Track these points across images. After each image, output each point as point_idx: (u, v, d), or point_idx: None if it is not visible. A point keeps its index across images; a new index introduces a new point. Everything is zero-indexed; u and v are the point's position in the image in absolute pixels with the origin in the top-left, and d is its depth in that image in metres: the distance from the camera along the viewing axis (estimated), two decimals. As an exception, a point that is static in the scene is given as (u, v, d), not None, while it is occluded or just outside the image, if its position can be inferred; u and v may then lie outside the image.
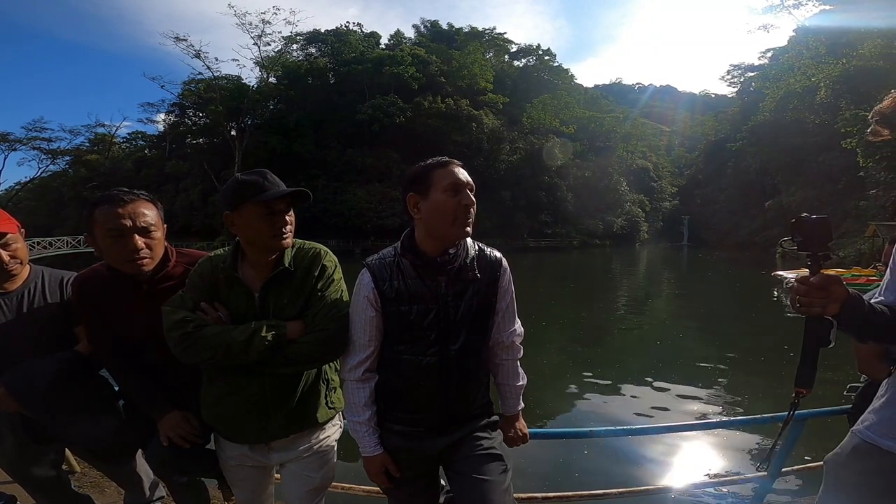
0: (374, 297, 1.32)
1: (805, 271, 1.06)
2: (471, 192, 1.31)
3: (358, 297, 1.34)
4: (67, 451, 2.33)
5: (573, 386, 7.04)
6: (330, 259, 1.49)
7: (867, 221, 23.10)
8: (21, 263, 1.60)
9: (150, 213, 1.48)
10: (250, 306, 1.39)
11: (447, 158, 1.33)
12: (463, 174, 1.30)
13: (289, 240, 1.40)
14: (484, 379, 1.46)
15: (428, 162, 1.32)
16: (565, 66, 68.34)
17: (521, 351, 1.51)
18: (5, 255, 1.54)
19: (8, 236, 1.55)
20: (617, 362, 8.61)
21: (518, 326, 1.48)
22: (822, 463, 1.21)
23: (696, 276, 26.97)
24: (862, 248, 22.21)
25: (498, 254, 1.43)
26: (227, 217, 1.37)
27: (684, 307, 15.88)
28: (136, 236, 1.43)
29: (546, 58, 65.14)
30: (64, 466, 2.44)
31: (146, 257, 1.46)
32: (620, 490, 2.21)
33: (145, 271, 1.48)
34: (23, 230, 1.63)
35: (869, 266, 17.11)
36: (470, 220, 1.31)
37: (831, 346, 1.05)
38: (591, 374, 7.47)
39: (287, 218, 1.38)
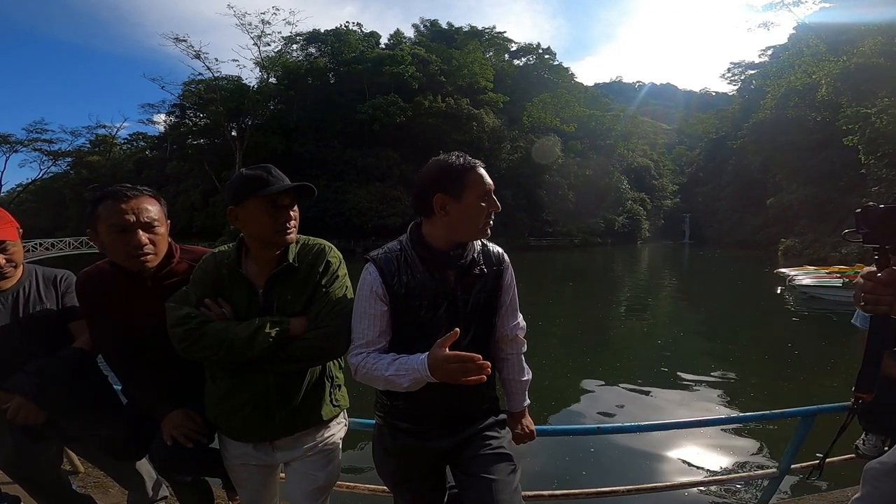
0: (382, 291, 1.29)
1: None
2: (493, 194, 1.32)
3: (365, 292, 1.30)
4: (70, 451, 2.32)
5: (575, 384, 7.02)
6: (334, 255, 1.47)
7: (869, 219, 22.95)
8: (16, 266, 1.61)
9: (153, 209, 1.47)
10: (254, 302, 1.37)
11: (472, 160, 1.29)
12: (489, 179, 1.31)
13: (293, 235, 1.38)
14: (491, 375, 1.44)
15: (456, 162, 1.26)
16: (565, 65, 68.09)
17: (525, 345, 1.51)
18: (2, 258, 1.54)
19: (6, 243, 1.56)
20: (620, 360, 8.61)
21: (521, 320, 1.48)
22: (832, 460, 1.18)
23: (698, 274, 26.95)
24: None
25: (500, 249, 1.44)
26: (231, 212, 1.35)
27: (687, 305, 15.85)
28: (140, 232, 1.42)
29: (546, 56, 64.91)
30: (67, 467, 2.43)
31: (150, 253, 1.44)
32: (628, 487, 2.19)
33: (149, 267, 1.46)
34: (20, 230, 1.63)
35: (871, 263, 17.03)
36: (491, 224, 1.33)
37: None
38: (594, 372, 7.45)
39: (291, 213, 1.36)
